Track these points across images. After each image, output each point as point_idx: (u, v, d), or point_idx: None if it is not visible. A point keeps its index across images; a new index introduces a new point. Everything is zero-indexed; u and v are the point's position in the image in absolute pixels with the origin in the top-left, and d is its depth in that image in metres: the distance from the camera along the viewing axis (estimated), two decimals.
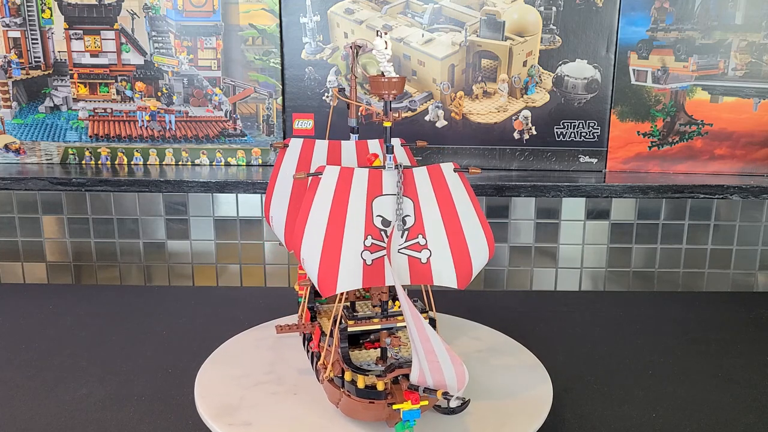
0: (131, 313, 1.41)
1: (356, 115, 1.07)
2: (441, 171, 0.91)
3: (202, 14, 1.37)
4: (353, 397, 0.90)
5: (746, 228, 1.59)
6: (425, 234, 0.89)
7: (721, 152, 1.38)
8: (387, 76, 0.87)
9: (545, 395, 1.04)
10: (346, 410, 0.95)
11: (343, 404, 0.94)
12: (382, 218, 0.88)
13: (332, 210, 0.87)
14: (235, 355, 1.15)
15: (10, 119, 1.42)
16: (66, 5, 1.37)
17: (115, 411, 1.05)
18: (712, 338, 1.32)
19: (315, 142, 1.04)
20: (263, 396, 1.02)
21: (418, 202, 0.89)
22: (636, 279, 1.62)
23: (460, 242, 0.90)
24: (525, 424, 0.97)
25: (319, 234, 0.87)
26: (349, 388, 0.91)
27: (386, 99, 0.88)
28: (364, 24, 1.36)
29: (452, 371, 0.81)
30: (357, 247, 0.87)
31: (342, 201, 0.87)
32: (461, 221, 0.90)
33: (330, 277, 0.87)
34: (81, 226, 1.60)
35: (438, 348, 0.81)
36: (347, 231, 0.87)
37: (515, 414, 0.99)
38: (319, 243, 0.87)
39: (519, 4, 1.34)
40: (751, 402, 1.10)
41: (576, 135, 1.39)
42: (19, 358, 1.22)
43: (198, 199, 1.57)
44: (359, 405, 0.91)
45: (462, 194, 0.91)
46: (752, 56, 1.33)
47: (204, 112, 1.41)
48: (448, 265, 0.90)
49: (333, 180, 0.87)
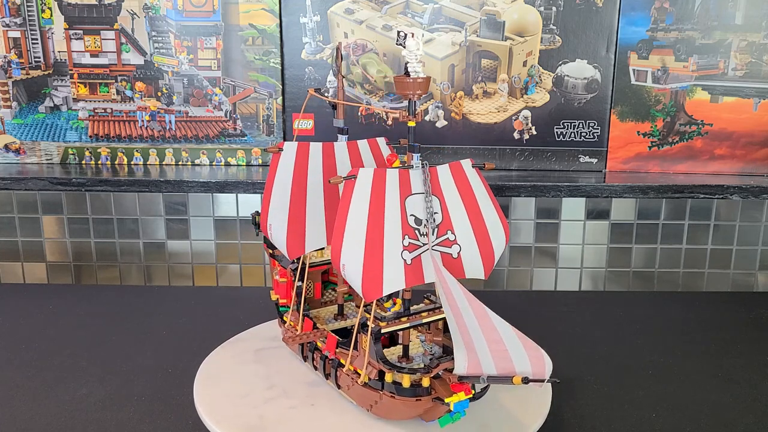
0: (131, 313, 1.41)
1: (344, 115, 1.07)
2: (462, 167, 0.94)
3: (202, 14, 1.37)
4: (397, 397, 0.91)
5: (746, 228, 1.59)
6: (453, 230, 0.92)
7: (721, 152, 1.38)
8: (413, 76, 0.88)
9: (545, 395, 1.04)
10: (383, 412, 0.95)
11: (381, 406, 0.94)
12: (415, 217, 0.90)
13: (370, 213, 0.88)
14: (227, 374, 1.11)
15: (10, 119, 1.42)
16: (66, 5, 1.37)
17: (115, 411, 1.05)
18: (712, 338, 1.32)
19: (309, 145, 1.03)
20: (282, 412, 1.00)
21: (444, 198, 0.92)
22: (636, 279, 1.62)
23: (484, 234, 0.94)
24: (525, 424, 0.97)
25: (360, 238, 0.87)
26: (392, 389, 0.91)
27: (412, 99, 0.90)
28: (364, 24, 1.36)
29: (525, 356, 0.82)
30: (397, 248, 0.88)
31: (379, 203, 0.88)
32: (483, 214, 0.94)
33: (375, 281, 0.87)
34: (81, 226, 1.60)
35: (507, 335, 0.82)
36: (387, 232, 0.88)
37: (515, 414, 0.99)
38: (361, 247, 0.87)
39: (519, 4, 1.34)
40: (751, 402, 1.10)
41: (576, 135, 1.39)
42: (19, 358, 1.22)
43: (198, 199, 1.57)
44: (401, 404, 0.91)
45: (481, 188, 0.95)
46: (752, 56, 1.33)
47: (204, 112, 1.41)
48: (476, 257, 0.94)
49: (368, 182, 0.88)
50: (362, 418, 0.98)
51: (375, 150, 1.07)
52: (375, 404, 0.95)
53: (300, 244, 1.02)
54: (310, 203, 1.01)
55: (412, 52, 0.88)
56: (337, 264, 0.89)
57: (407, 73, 0.89)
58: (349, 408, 1.00)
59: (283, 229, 1.01)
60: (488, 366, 0.84)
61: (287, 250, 1.02)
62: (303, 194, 1.01)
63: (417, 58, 0.88)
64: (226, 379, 1.09)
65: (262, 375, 1.10)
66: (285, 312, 1.16)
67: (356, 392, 0.98)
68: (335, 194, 1.02)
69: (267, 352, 1.17)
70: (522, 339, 0.82)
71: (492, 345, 0.83)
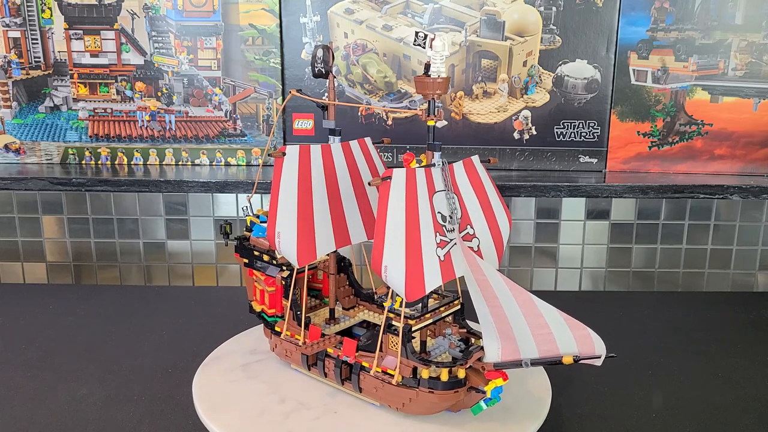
0: (131, 313, 1.41)
1: (335, 116, 1.05)
2: (473, 163, 0.96)
3: (202, 14, 1.37)
4: (436, 392, 0.92)
5: (746, 228, 1.59)
6: (472, 224, 0.94)
7: (721, 152, 1.38)
8: (432, 76, 0.90)
9: (544, 395, 1.04)
10: (417, 408, 0.96)
11: (416, 403, 0.95)
12: (441, 214, 0.92)
13: (407, 213, 0.89)
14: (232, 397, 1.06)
15: (10, 119, 1.42)
16: (66, 5, 1.37)
17: (115, 411, 1.05)
18: (712, 338, 1.32)
19: (310, 147, 1.02)
20: (308, 425, 0.97)
21: (461, 194, 0.94)
22: (636, 279, 1.62)
23: (495, 225, 0.97)
24: (525, 424, 0.97)
25: (400, 239, 0.89)
26: (431, 385, 0.93)
27: (431, 98, 0.91)
28: (364, 24, 1.36)
29: (571, 337, 0.86)
30: (433, 246, 0.90)
31: (413, 203, 0.89)
32: (492, 205, 0.97)
33: (418, 281, 0.89)
34: (81, 226, 1.60)
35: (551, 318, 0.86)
36: (423, 231, 0.89)
37: (515, 414, 0.99)
38: (402, 248, 0.88)
39: (519, 4, 1.34)
40: (751, 402, 1.10)
41: (576, 135, 1.39)
42: (19, 358, 1.22)
43: (198, 199, 1.57)
44: (437, 398, 0.93)
45: (488, 181, 0.98)
46: (752, 56, 1.33)
47: (204, 112, 1.41)
48: (492, 248, 0.97)
49: (402, 183, 0.89)
50: (392, 418, 0.98)
51: (365, 150, 1.06)
52: (409, 402, 0.96)
53: (311, 250, 1.00)
54: (317, 208, 1.00)
55: (439, 52, 0.90)
56: (378, 267, 0.90)
57: (427, 73, 0.90)
58: (373, 410, 1.00)
59: (292, 236, 0.99)
60: (529, 350, 0.87)
61: (297, 258, 0.99)
62: (309, 199, 1.00)
63: (443, 59, 0.90)
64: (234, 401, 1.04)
65: (267, 390, 1.05)
66: (275, 322, 1.10)
67: (387, 393, 0.98)
68: (338, 196, 1.02)
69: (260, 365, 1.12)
70: (568, 321, 0.86)
71: (535, 329, 0.87)
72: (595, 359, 0.86)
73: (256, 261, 1.10)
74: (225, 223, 1.13)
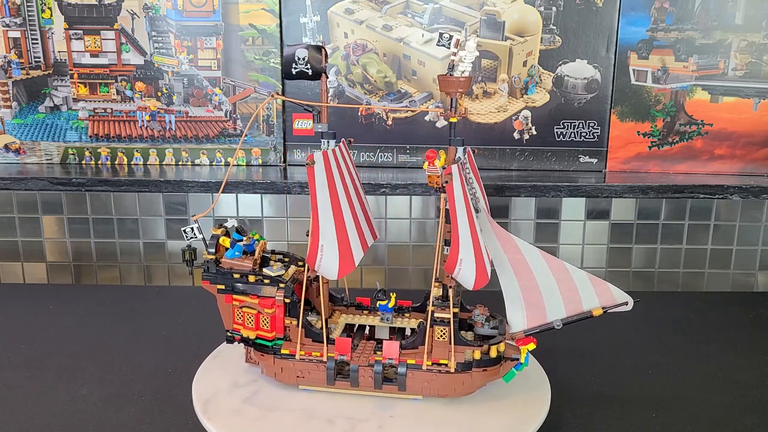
0: (131, 313, 1.41)
1: (327, 119, 1.02)
2: (470, 153, 1.01)
3: (202, 14, 1.37)
4: (489, 369, 1.00)
5: (746, 228, 1.59)
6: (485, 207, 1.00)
7: (721, 152, 1.38)
8: (455, 75, 0.94)
9: (544, 395, 1.04)
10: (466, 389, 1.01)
11: (467, 384, 1.01)
12: None
13: (467, 209, 0.94)
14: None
15: (10, 119, 1.42)
16: (66, 5, 1.37)
17: (115, 411, 1.05)
18: (712, 338, 1.32)
19: (327, 152, 0.99)
20: None
21: (471, 183, 0.99)
22: (636, 279, 1.62)
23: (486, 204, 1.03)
24: (525, 424, 0.97)
25: (468, 235, 0.94)
26: (483, 364, 1.00)
27: (454, 96, 0.95)
28: (364, 24, 1.36)
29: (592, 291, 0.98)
30: (481, 236, 0.95)
31: (465, 198, 0.94)
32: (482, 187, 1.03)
33: (483, 272, 0.96)
34: (81, 226, 1.60)
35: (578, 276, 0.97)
36: (477, 224, 0.95)
37: (515, 414, 0.99)
38: (470, 243, 0.94)
39: (519, 4, 1.34)
40: (751, 402, 1.10)
41: (576, 135, 1.39)
42: (19, 358, 1.22)
43: (198, 199, 1.57)
44: (485, 375, 1.00)
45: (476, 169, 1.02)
46: (752, 56, 1.33)
47: (204, 112, 1.41)
48: None
49: (458, 180, 0.93)
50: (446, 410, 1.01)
51: (348, 151, 1.06)
52: (462, 385, 1.00)
53: (350, 259, 0.98)
54: (345, 213, 0.98)
55: (470, 53, 0.93)
56: (453, 267, 0.96)
57: (450, 73, 0.94)
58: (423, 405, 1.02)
59: (334, 248, 0.97)
60: (557, 312, 0.98)
61: (339, 270, 0.97)
62: (339, 206, 0.98)
63: (472, 60, 0.94)
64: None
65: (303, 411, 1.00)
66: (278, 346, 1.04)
67: (440, 383, 1.00)
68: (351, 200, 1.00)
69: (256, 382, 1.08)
70: (591, 279, 0.98)
71: (565, 293, 0.98)
72: (622, 306, 0.98)
73: (237, 285, 1.04)
74: (187, 248, 1.05)
